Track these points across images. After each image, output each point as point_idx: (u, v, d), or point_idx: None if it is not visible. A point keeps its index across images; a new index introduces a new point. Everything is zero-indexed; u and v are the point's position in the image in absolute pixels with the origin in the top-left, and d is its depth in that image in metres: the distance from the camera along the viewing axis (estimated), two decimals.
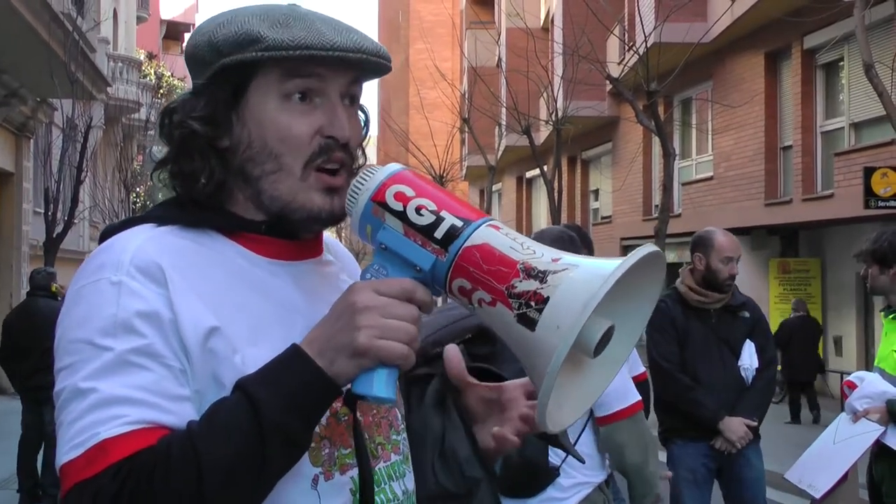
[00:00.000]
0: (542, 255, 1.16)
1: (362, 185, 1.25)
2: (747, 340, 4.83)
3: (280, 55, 1.27)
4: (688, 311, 4.86)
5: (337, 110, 1.33)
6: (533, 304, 1.12)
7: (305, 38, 1.27)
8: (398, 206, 1.22)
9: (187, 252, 1.28)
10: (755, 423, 4.73)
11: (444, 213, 1.21)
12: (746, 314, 4.88)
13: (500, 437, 1.38)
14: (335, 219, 1.33)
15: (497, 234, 1.19)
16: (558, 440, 1.85)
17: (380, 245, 1.23)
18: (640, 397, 3.48)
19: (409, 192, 1.23)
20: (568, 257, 1.16)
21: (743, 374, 4.80)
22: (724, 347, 4.82)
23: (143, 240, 1.27)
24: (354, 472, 1.31)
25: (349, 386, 1.21)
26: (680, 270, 5.04)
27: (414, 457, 1.47)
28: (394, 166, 1.27)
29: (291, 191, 1.31)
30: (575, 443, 3.27)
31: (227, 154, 1.34)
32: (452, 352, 1.41)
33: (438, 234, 1.20)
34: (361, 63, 1.32)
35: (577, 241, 3.53)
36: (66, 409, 1.17)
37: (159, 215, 1.34)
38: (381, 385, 1.19)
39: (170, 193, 1.39)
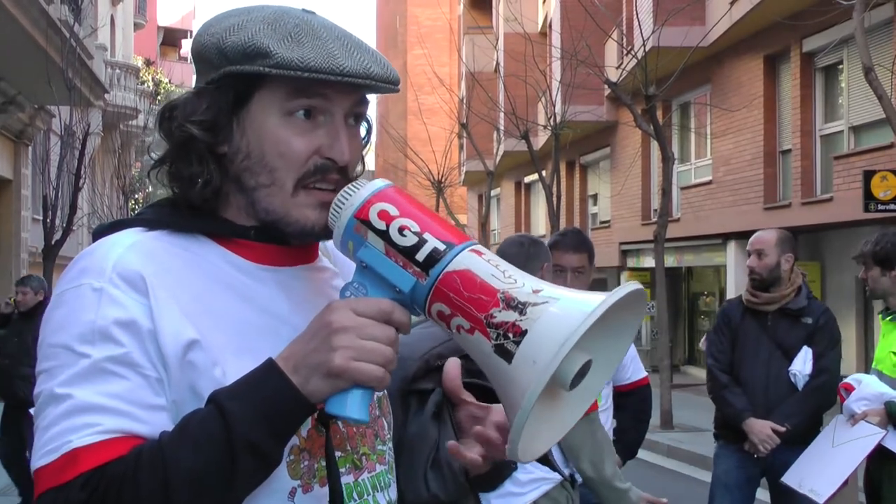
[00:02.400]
0: (524, 286, 1.14)
1: (346, 200, 1.24)
2: (805, 346, 4.74)
3: (287, 74, 1.24)
4: (746, 311, 4.90)
5: (339, 132, 1.31)
6: (511, 336, 1.11)
7: (315, 59, 1.24)
8: (381, 225, 1.20)
9: (173, 259, 1.27)
10: (783, 429, 4.62)
11: (426, 236, 1.19)
12: (809, 320, 4.78)
13: (455, 450, 1.34)
14: (329, 234, 1.31)
15: (479, 261, 1.17)
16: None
17: (360, 263, 1.22)
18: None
19: (392, 210, 1.21)
20: (549, 289, 1.14)
21: (792, 379, 4.73)
22: (777, 350, 4.78)
23: (128, 246, 1.26)
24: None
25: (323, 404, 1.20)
26: None
27: (407, 463, 1.45)
28: (379, 182, 1.25)
29: (284, 205, 1.30)
30: None
31: (224, 160, 1.32)
32: (452, 365, 1.40)
33: (420, 256, 1.18)
34: (369, 84, 1.30)
35: (538, 252, 3.47)
36: (43, 413, 1.17)
37: (149, 218, 1.33)
38: (355, 406, 1.18)
39: (169, 191, 1.38)
